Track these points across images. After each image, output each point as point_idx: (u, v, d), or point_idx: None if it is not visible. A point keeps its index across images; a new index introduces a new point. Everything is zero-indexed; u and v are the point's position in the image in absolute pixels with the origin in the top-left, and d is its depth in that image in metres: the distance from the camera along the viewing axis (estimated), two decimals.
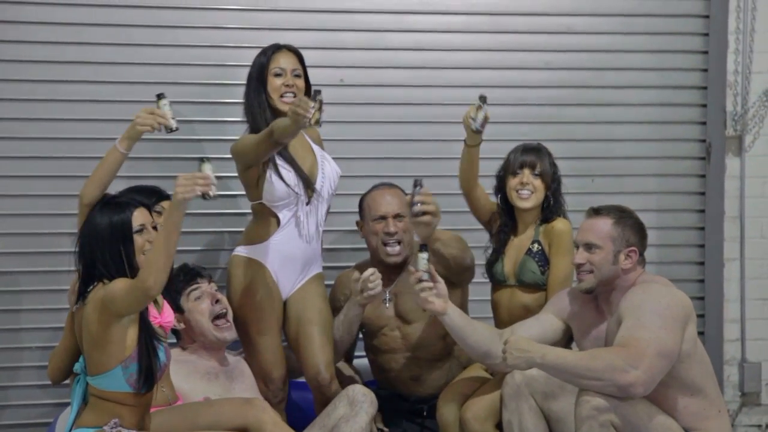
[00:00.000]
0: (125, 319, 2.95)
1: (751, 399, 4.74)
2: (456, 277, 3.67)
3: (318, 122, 3.26)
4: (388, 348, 3.80)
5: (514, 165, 3.67)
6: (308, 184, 3.65)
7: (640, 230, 3.31)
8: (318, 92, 3.29)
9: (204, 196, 2.94)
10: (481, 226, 3.90)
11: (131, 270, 3.00)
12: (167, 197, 3.45)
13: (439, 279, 3.33)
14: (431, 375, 3.79)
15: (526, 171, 3.64)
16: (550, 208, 3.67)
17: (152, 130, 3.33)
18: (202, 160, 3.02)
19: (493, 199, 3.82)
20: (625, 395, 2.99)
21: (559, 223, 3.63)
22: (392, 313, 3.79)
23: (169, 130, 3.35)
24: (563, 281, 3.56)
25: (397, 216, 3.73)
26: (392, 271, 3.79)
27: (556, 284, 3.56)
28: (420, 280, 3.30)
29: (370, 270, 3.60)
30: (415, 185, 3.48)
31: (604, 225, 3.27)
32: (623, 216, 3.30)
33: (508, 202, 3.70)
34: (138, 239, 3.04)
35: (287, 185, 3.60)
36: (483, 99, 3.61)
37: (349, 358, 3.98)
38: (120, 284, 2.93)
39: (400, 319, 3.78)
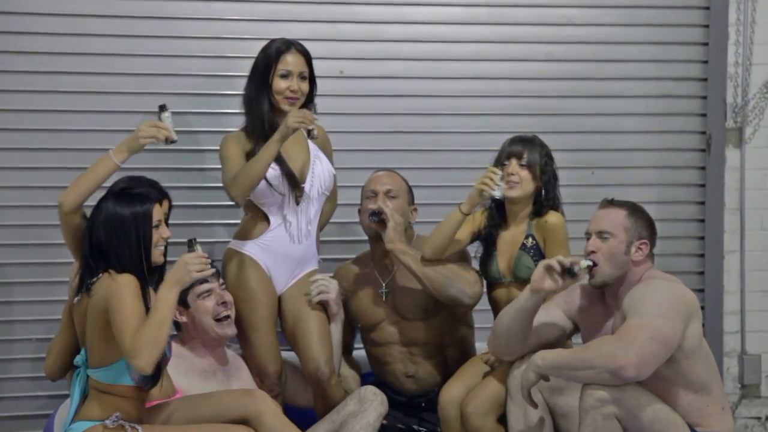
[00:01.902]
0: None
1: (751, 391, 4.74)
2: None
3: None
4: (384, 342, 3.80)
5: (502, 156, 3.63)
6: (295, 184, 3.63)
7: (651, 225, 3.31)
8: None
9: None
10: None
11: (147, 261, 3.01)
12: (166, 195, 3.45)
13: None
14: (426, 373, 3.78)
15: (513, 161, 3.59)
16: (542, 201, 3.62)
17: (157, 142, 3.32)
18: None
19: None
20: (618, 380, 2.99)
21: (552, 217, 3.58)
22: (389, 308, 3.77)
23: (171, 141, 3.35)
24: None
25: (388, 192, 3.70)
26: (389, 265, 3.78)
27: None
28: (565, 269, 3.19)
29: (319, 276, 3.68)
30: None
31: (618, 215, 3.27)
32: (636, 209, 3.31)
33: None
34: (154, 234, 3.04)
35: (269, 184, 3.58)
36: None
37: (348, 350, 3.98)
38: (131, 309, 2.88)
39: (397, 314, 3.77)
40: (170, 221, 3.33)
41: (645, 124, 4.62)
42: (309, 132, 3.54)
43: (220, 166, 3.68)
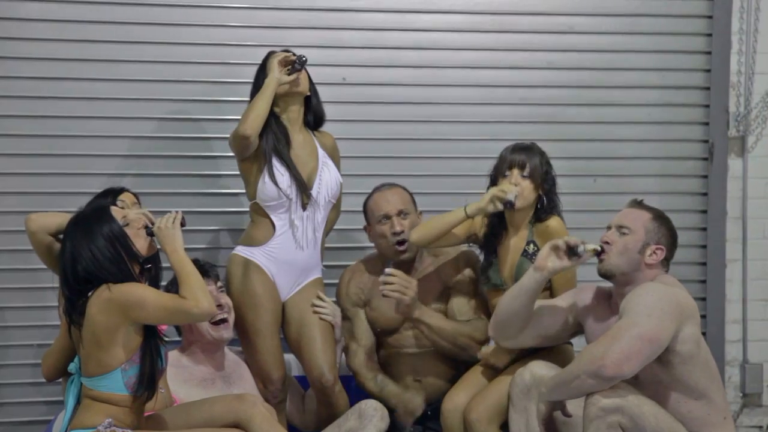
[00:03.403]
0: (135, 324, 2.96)
1: (753, 400, 4.73)
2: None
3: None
4: (398, 344, 3.77)
5: (503, 166, 3.60)
6: (303, 189, 3.64)
7: (673, 236, 3.31)
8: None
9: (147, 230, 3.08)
10: None
11: (138, 263, 3.02)
12: (120, 191, 3.50)
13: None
14: (435, 378, 3.76)
15: (515, 171, 3.56)
16: (544, 208, 3.60)
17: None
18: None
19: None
20: (601, 381, 2.99)
21: (553, 222, 3.56)
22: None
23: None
24: (569, 280, 3.53)
25: (400, 213, 3.70)
26: (404, 270, 3.75)
27: (561, 284, 3.52)
28: (570, 248, 3.23)
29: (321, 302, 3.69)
30: (387, 265, 3.60)
31: (642, 215, 3.27)
32: (662, 217, 3.31)
33: None
34: (128, 231, 3.03)
35: (278, 188, 3.59)
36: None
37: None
38: (151, 294, 2.94)
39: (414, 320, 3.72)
40: None
41: (647, 132, 4.61)
42: (293, 65, 3.59)
43: (225, 173, 3.68)
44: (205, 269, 3.58)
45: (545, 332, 3.40)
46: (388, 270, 3.57)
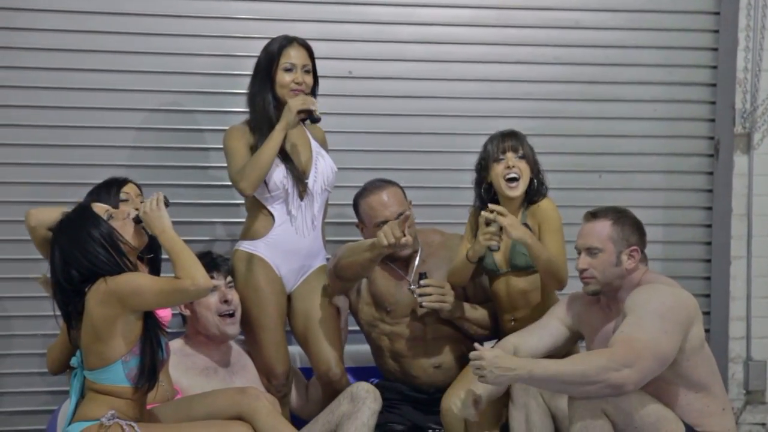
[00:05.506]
0: (134, 314, 2.96)
1: (756, 397, 4.73)
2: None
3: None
4: (415, 333, 3.72)
5: (497, 151, 3.57)
6: (299, 179, 3.64)
7: (638, 228, 3.29)
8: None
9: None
10: None
11: (126, 257, 3.00)
12: (124, 182, 3.50)
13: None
14: (452, 360, 3.72)
15: (510, 155, 3.55)
16: (535, 191, 3.58)
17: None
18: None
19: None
20: (617, 394, 3.00)
21: (545, 203, 3.56)
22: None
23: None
24: (558, 257, 3.51)
25: (399, 216, 3.61)
26: (402, 267, 3.74)
27: (546, 233, 3.51)
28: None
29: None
30: (420, 278, 3.54)
31: (603, 227, 3.25)
32: (621, 216, 3.28)
33: (489, 192, 3.63)
34: (115, 224, 3.02)
35: (274, 180, 3.59)
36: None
37: None
38: (146, 281, 2.94)
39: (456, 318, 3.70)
40: (173, 219, 3.25)
41: (653, 128, 4.61)
42: (311, 114, 3.58)
43: (224, 165, 3.68)
44: (217, 263, 3.60)
45: (543, 350, 3.38)
46: (422, 282, 3.53)
